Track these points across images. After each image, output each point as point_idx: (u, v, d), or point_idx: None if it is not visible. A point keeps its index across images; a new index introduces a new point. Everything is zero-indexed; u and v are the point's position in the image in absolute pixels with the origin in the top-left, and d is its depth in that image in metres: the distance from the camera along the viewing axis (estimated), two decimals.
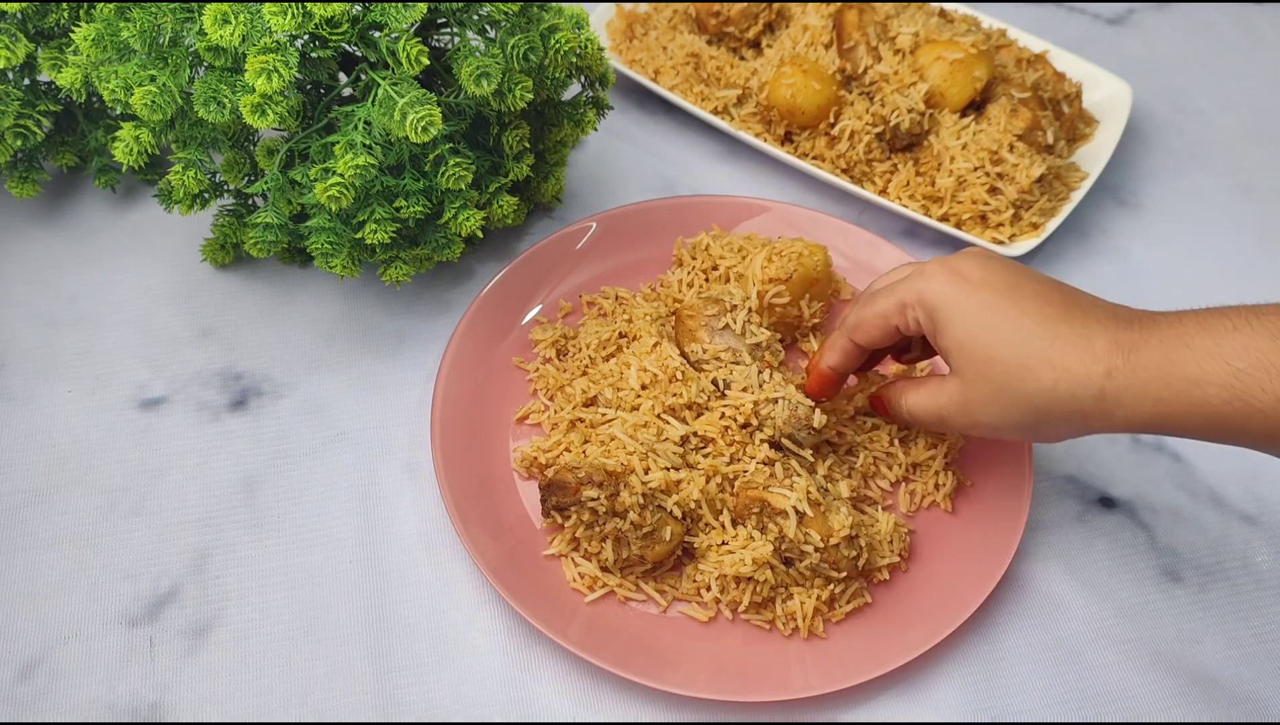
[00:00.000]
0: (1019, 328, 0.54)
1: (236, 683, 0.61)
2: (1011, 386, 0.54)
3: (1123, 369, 0.51)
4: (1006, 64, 0.86)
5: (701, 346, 0.68)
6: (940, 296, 0.56)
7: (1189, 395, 0.49)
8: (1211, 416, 0.49)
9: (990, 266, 0.57)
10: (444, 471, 0.65)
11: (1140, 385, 0.50)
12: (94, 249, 0.79)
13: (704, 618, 0.62)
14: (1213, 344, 0.49)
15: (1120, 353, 0.51)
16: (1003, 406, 0.55)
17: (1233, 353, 0.48)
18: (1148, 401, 0.50)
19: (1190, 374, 0.49)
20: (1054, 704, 0.61)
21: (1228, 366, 0.48)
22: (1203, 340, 0.49)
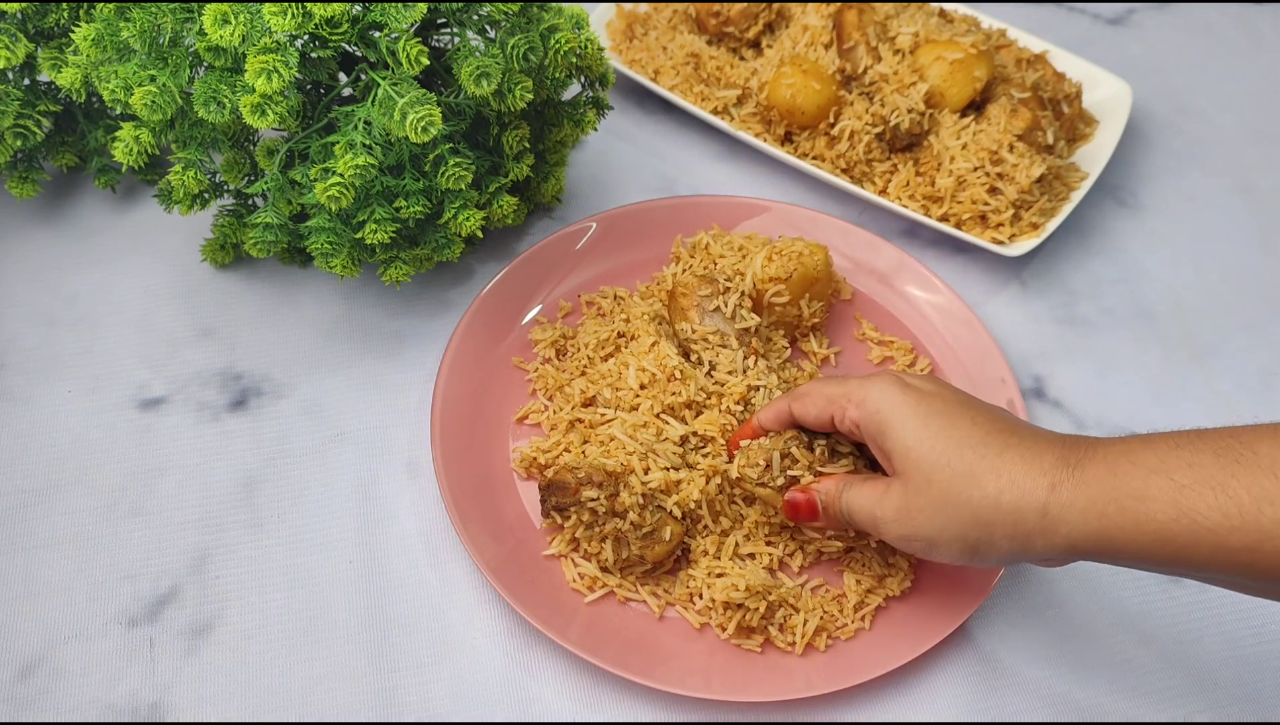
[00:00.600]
0: (969, 436, 0.53)
1: (236, 683, 0.61)
2: (956, 494, 0.52)
3: (1067, 483, 0.50)
4: (1006, 64, 0.86)
5: (691, 326, 0.68)
6: (890, 402, 0.56)
7: (1134, 511, 0.48)
8: (1157, 534, 0.48)
9: (940, 383, 0.57)
10: (444, 471, 0.65)
11: (1085, 500, 0.49)
12: (94, 249, 0.79)
13: (697, 624, 0.62)
14: (1157, 460, 0.48)
15: (1066, 468, 0.51)
16: (945, 516, 0.53)
17: (1176, 469, 0.48)
18: (1092, 517, 0.49)
19: (1135, 489, 0.48)
20: (1054, 704, 0.61)
21: (1172, 482, 0.47)
22: (1147, 457, 0.49)
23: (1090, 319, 0.79)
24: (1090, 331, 0.78)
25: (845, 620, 0.62)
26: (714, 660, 0.61)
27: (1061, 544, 0.51)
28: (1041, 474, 0.51)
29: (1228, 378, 0.76)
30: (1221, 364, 0.77)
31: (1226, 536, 0.46)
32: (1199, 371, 0.77)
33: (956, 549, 0.54)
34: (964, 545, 0.53)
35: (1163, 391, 0.76)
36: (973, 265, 0.81)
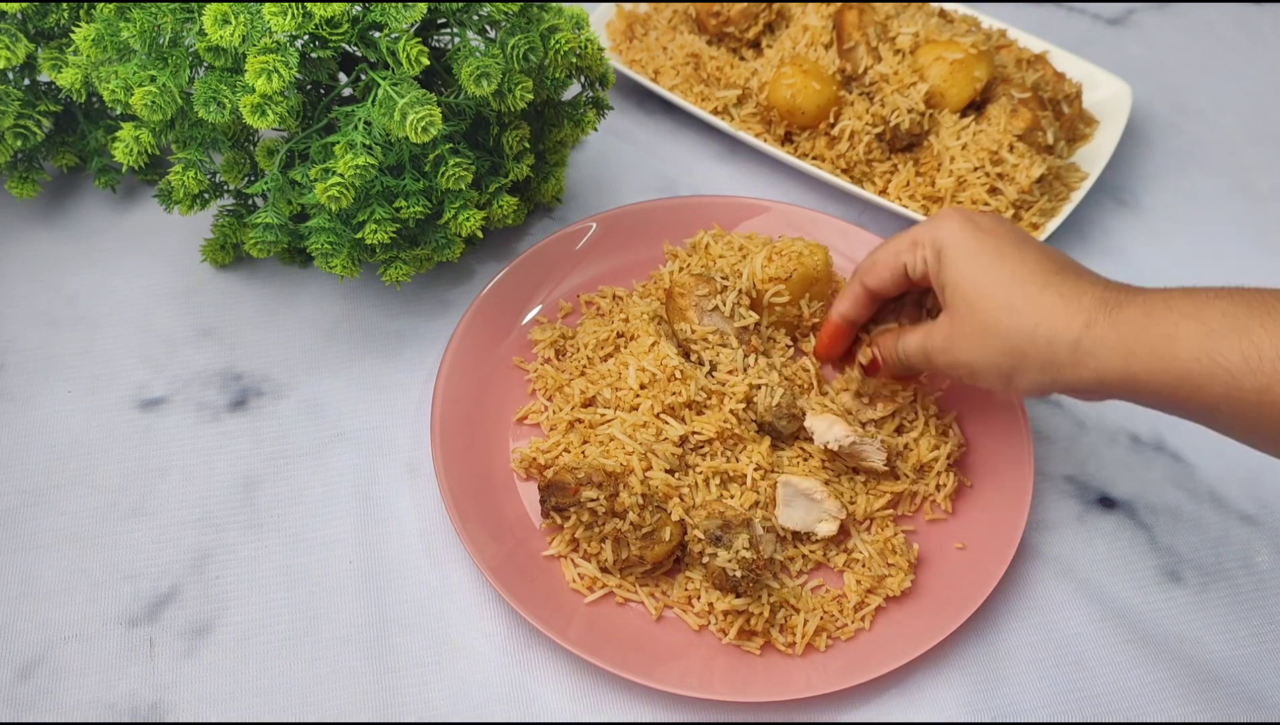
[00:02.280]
0: (1015, 272, 0.56)
1: (236, 683, 0.61)
2: (995, 323, 0.55)
3: (1103, 322, 0.53)
4: (1006, 64, 0.86)
5: (690, 326, 0.68)
6: (950, 236, 0.58)
7: (1161, 350, 0.50)
8: (1179, 372, 0.50)
9: (1002, 222, 0.59)
10: (444, 471, 0.65)
11: (1116, 338, 0.52)
12: (94, 249, 0.79)
13: (695, 626, 0.62)
14: (1194, 307, 0.51)
15: (1104, 308, 0.53)
16: (983, 343, 0.56)
17: (1210, 316, 0.50)
18: (1121, 354, 0.52)
19: (1166, 330, 0.51)
20: (1054, 704, 0.61)
21: (1202, 326, 0.50)
22: (1184, 303, 0.51)
23: None
24: None
25: (845, 620, 0.62)
26: (714, 660, 0.61)
27: (1089, 378, 0.53)
28: (1079, 312, 0.53)
29: None
30: None
31: (1242, 378, 0.48)
32: None
33: (994, 375, 0.57)
34: (999, 372, 0.57)
35: None
36: None
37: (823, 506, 0.63)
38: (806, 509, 0.64)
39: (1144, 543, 0.68)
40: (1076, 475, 0.70)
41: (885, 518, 0.66)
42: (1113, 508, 0.69)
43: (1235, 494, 0.70)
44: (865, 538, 0.65)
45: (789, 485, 0.63)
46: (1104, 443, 0.72)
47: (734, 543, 0.60)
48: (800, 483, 0.63)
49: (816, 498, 0.63)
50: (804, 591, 0.63)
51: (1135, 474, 0.71)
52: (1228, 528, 0.69)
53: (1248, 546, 0.68)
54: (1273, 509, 0.69)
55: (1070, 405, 0.74)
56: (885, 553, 0.64)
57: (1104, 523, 0.68)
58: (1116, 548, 0.67)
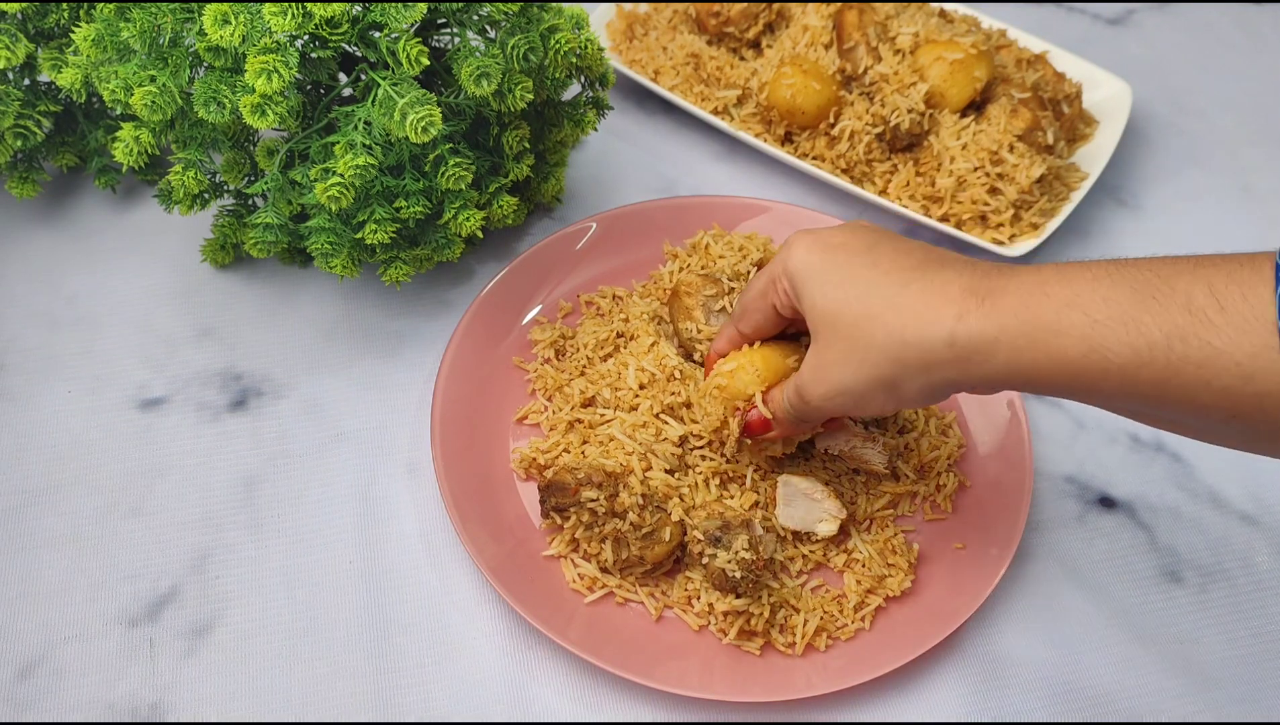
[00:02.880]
0: (869, 281, 0.52)
1: (236, 683, 0.61)
2: (861, 338, 0.52)
3: (975, 313, 0.49)
4: (1006, 64, 0.86)
5: (696, 326, 0.68)
6: (798, 263, 0.55)
7: (1047, 345, 0.47)
8: (1069, 368, 0.47)
9: (853, 231, 0.56)
10: (444, 471, 0.65)
11: (996, 331, 0.48)
12: (94, 249, 0.79)
13: (695, 626, 0.62)
14: (1072, 295, 0.47)
15: (974, 298, 0.49)
16: (856, 361, 0.52)
17: (1091, 304, 0.47)
18: (1003, 349, 0.48)
19: (1048, 323, 0.47)
20: (1054, 704, 0.61)
21: (1086, 317, 0.47)
22: (1062, 291, 0.48)
23: None
24: None
25: (845, 620, 0.62)
26: (714, 660, 0.61)
27: (978, 377, 0.50)
28: (946, 304, 0.50)
29: None
30: None
31: (1136, 372, 0.46)
32: None
33: (878, 393, 0.53)
34: (882, 385, 0.52)
35: None
36: None
37: (823, 506, 0.63)
38: (806, 509, 0.64)
39: (1144, 543, 0.68)
40: (1076, 475, 0.70)
41: (885, 518, 0.66)
42: (1113, 508, 0.69)
43: (1235, 494, 0.70)
44: (865, 538, 0.65)
45: (789, 485, 0.63)
46: (1104, 443, 0.72)
47: (733, 543, 0.60)
48: (800, 482, 0.63)
49: (816, 497, 0.63)
50: (804, 591, 0.63)
51: (1135, 474, 0.71)
52: (1228, 528, 0.69)
53: (1248, 546, 0.68)
54: (1273, 509, 0.69)
55: (1070, 405, 0.74)
56: (885, 553, 0.64)
57: (1104, 523, 0.68)
58: (1116, 548, 0.67)
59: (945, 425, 0.69)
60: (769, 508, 0.64)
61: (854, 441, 0.65)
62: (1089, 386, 0.47)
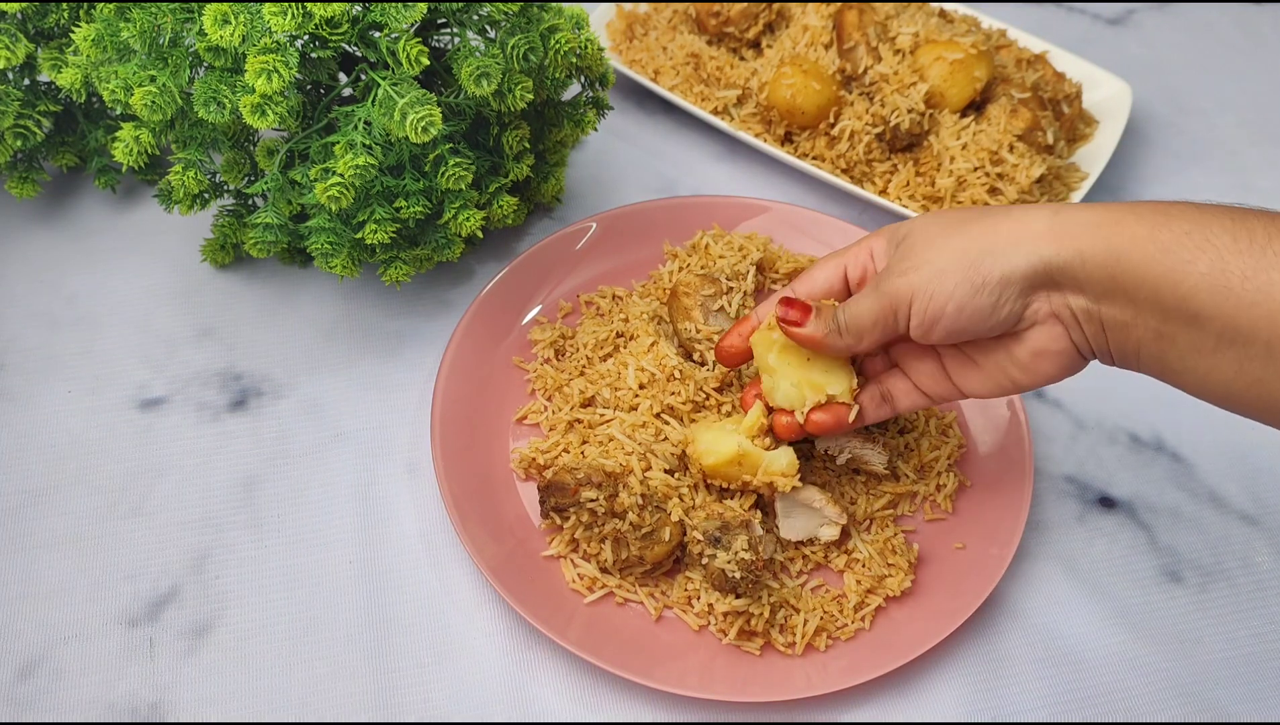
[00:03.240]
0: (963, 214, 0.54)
1: (236, 683, 0.61)
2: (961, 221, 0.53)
3: (1070, 210, 0.51)
4: (1006, 64, 0.86)
5: (695, 326, 0.68)
6: (891, 231, 0.57)
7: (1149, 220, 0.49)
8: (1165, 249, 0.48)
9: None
10: (444, 471, 0.65)
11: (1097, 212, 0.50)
12: (94, 249, 0.79)
13: (695, 626, 0.62)
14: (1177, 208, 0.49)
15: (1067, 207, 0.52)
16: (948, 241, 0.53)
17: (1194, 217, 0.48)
18: (1104, 224, 0.49)
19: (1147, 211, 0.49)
20: (1054, 704, 0.61)
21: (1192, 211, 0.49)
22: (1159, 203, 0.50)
23: None
24: None
25: (845, 620, 0.62)
26: (714, 660, 0.61)
27: (1069, 249, 0.50)
28: (1043, 207, 0.52)
29: None
30: None
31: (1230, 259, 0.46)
32: None
33: (957, 268, 0.52)
34: (965, 261, 0.52)
35: (1163, 392, 0.75)
36: None
37: (823, 513, 0.63)
38: (807, 518, 0.64)
39: (1144, 543, 0.68)
40: (1076, 475, 0.70)
41: (885, 518, 0.66)
42: (1113, 508, 0.69)
43: (1235, 494, 0.70)
44: (865, 538, 0.65)
45: (788, 498, 0.63)
46: (1104, 443, 0.72)
47: (733, 544, 0.60)
48: (799, 494, 0.63)
49: (816, 505, 0.63)
50: (804, 591, 0.63)
51: (1135, 474, 0.71)
52: (1228, 528, 0.69)
53: (1248, 546, 0.68)
54: (1273, 509, 0.69)
55: (1070, 405, 0.74)
56: (885, 553, 0.64)
57: (1104, 523, 0.68)
58: (1116, 548, 0.67)
59: (945, 425, 0.69)
60: (768, 509, 0.64)
61: (854, 443, 0.65)
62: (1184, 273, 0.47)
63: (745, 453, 0.61)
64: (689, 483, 0.64)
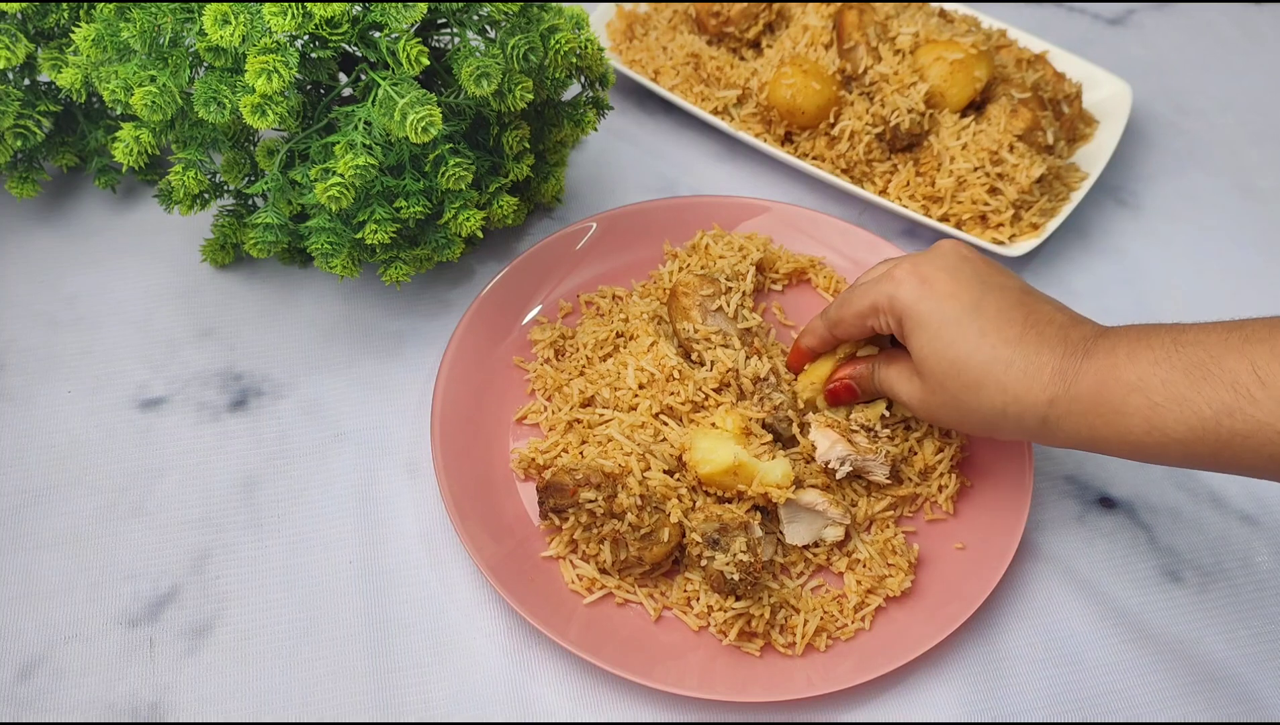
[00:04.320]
0: (978, 348, 0.58)
1: (236, 683, 0.61)
2: (967, 401, 0.59)
3: (1063, 399, 0.56)
4: (1006, 64, 0.86)
5: (694, 326, 0.68)
6: (908, 304, 0.60)
7: (1116, 424, 0.54)
8: (1135, 444, 0.54)
9: (958, 276, 0.60)
10: (444, 471, 0.65)
11: (1078, 413, 0.55)
12: (94, 249, 0.79)
13: (695, 627, 0.62)
14: (1136, 378, 0.54)
15: (1063, 382, 0.56)
16: (959, 415, 0.60)
17: (1152, 387, 0.53)
18: (1084, 428, 0.55)
19: (1117, 406, 0.54)
20: (1054, 704, 0.61)
21: (1147, 401, 0.53)
22: (1129, 374, 0.54)
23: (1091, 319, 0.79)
24: None
25: (845, 620, 0.62)
26: (714, 660, 0.61)
27: (1060, 443, 0.58)
28: (1041, 390, 0.56)
29: None
30: None
31: (1192, 445, 0.52)
32: None
33: (972, 432, 0.62)
34: (977, 431, 0.61)
35: None
36: None
37: (826, 514, 0.63)
38: (810, 521, 0.64)
39: (1144, 543, 0.68)
40: (1076, 475, 0.70)
41: (886, 518, 0.66)
42: (1113, 508, 0.69)
43: (1235, 494, 0.70)
44: (865, 538, 0.65)
45: (790, 504, 0.63)
46: None
47: (731, 546, 0.60)
48: (801, 498, 0.63)
49: (819, 508, 0.63)
50: (804, 592, 0.63)
51: (1135, 474, 0.71)
52: (1228, 528, 0.69)
53: (1248, 546, 0.68)
54: (1273, 509, 0.69)
55: None
56: (885, 553, 0.64)
57: (1104, 523, 0.68)
58: (1116, 548, 0.67)
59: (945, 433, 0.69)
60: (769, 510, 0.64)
61: (853, 456, 0.64)
62: (1154, 456, 0.54)
63: (741, 463, 0.62)
64: (688, 484, 0.64)
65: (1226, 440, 0.51)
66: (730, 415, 0.64)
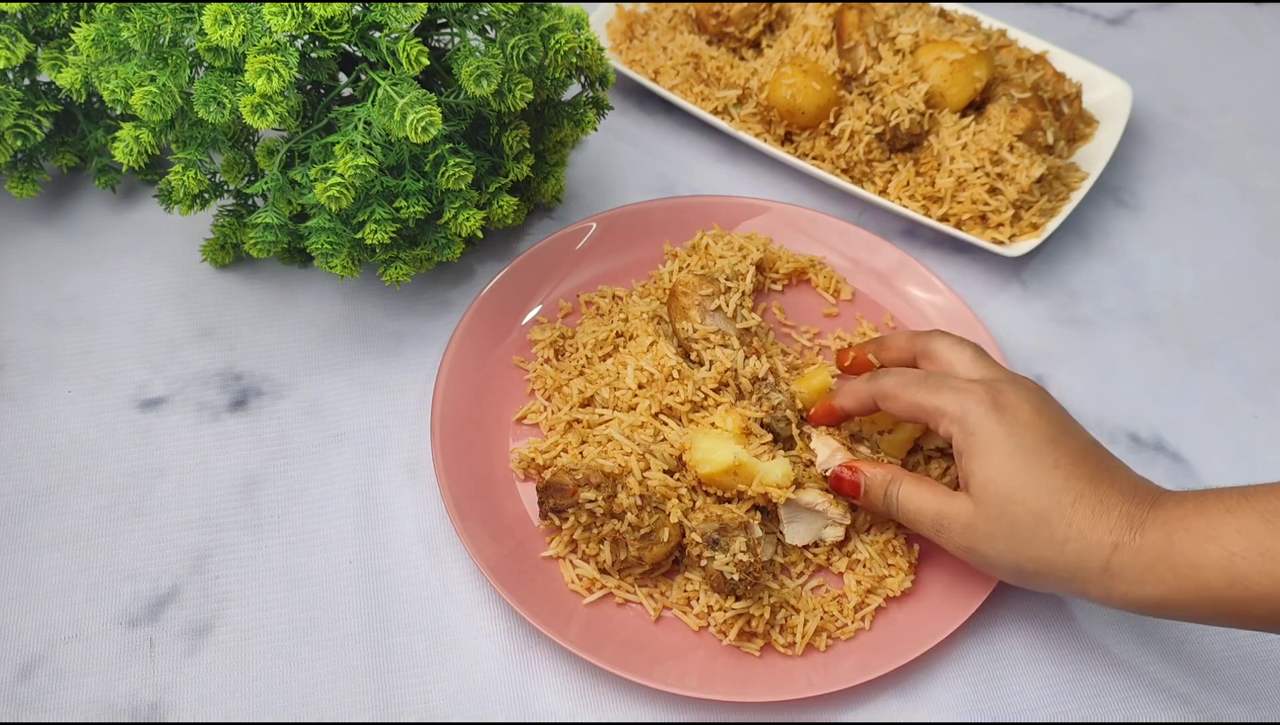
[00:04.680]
0: (1050, 479, 0.55)
1: (236, 683, 0.61)
2: (1025, 531, 0.55)
3: (1129, 546, 0.53)
4: (1006, 64, 0.86)
5: (692, 326, 0.68)
6: (983, 425, 0.57)
7: (1191, 579, 0.51)
8: (1214, 601, 0.51)
9: (1040, 411, 0.58)
10: (444, 471, 0.65)
11: (1144, 566, 0.52)
12: (94, 249, 0.79)
13: (695, 627, 0.62)
14: (1208, 527, 0.51)
15: (1130, 529, 0.53)
16: (1009, 547, 0.56)
17: (1228, 536, 0.50)
18: (1151, 581, 0.52)
19: (1190, 558, 0.51)
20: (1054, 704, 0.61)
21: (1224, 550, 0.50)
22: (1200, 523, 0.51)
23: (1090, 319, 0.79)
24: (1090, 332, 0.78)
25: (845, 620, 0.62)
26: (714, 660, 0.61)
27: (1117, 600, 0.54)
28: (1108, 532, 0.53)
29: (1228, 378, 0.76)
30: (1221, 364, 0.77)
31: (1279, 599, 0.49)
32: (1199, 371, 0.77)
33: (1010, 574, 0.57)
34: (1018, 574, 0.57)
35: (1163, 391, 0.76)
36: (973, 265, 0.81)
37: (826, 514, 0.63)
38: (810, 521, 0.64)
39: None
40: None
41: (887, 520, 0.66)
42: None
43: None
44: (865, 538, 0.65)
45: (790, 504, 0.63)
46: (1104, 443, 0.72)
47: (731, 546, 0.60)
48: (801, 498, 0.63)
49: (819, 508, 0.63)
50: (804, 592, 0.63)
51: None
52: None
53: None
54: None
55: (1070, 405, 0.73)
56: (886, 553, 0.64)
57: None
58: None
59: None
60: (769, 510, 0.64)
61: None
62: (1236, 613, 0.51)
63: (741, 463, 0.62)
64: (688, 484, 0.64)
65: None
66: (730, 415, 0.64)
